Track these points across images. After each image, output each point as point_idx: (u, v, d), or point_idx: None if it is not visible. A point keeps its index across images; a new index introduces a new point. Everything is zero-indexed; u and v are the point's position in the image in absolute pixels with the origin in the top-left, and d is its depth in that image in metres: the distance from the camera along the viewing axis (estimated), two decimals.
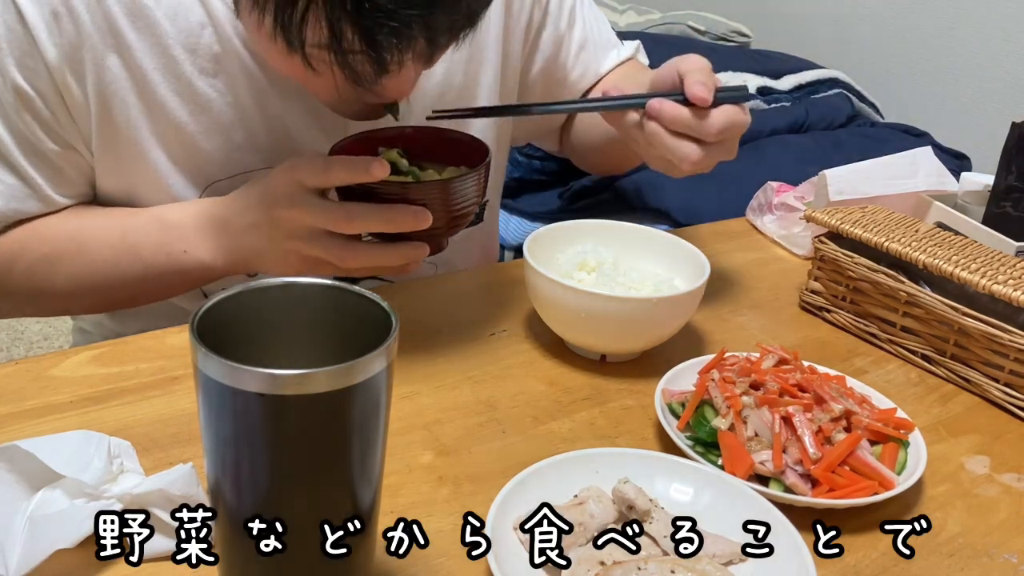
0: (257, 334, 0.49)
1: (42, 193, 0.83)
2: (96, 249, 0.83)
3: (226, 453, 0.46)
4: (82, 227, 0.84)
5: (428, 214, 0.72)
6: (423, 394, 0.77)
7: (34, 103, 0.79)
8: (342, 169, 0.73)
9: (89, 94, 0.79)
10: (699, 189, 1.38)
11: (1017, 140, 0.97)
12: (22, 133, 0.80)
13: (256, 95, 0.83)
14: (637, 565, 0.55)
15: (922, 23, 1.91)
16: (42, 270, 0.84)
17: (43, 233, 0.84)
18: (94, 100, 0.79)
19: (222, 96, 0.82)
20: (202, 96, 0.82)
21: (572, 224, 0.90)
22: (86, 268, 0.83)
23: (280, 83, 0.83)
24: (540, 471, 0.63)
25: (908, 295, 0.86)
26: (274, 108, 0.84)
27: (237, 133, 0.84)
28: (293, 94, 0.84)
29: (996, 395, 0.81)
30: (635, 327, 0.79)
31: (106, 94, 0.79)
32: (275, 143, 0.85)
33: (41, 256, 0.83)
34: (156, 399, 0.73)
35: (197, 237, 0.81)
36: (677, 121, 0.79)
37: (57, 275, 0.84)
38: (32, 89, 0.78)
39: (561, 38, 1.03)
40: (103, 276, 0.84)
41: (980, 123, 1.81)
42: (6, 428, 0.68)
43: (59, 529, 0.55)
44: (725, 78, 1.62)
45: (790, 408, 0.68)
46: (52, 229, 0.84)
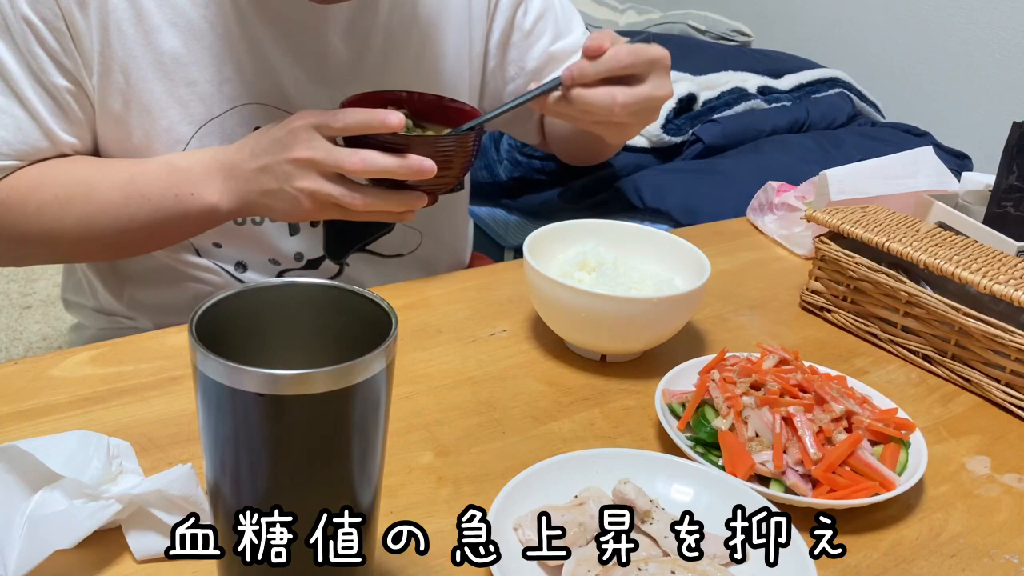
0: (257, 334, 0.49)
1: (47, 128, 0.85)
2: (105, 192, 0.85)
3: (225, 453, 0.46)
4: (92, 172, 0.87)
5: (433, 164, 0.81)
6: (423, 394, 0.77)
7: (41, 34, 0.81)
8: (361, 118, 0.79)
9: (92, 24, 0.82)
10: (699, 189, 1.38)
11: (1018, 140, 0.97)
12: (31, 66, 0.82)
13: (243, 25, 0.87)
14: (637, 565, 0.55)
15: (922, 23, 1.91)
16: (52, 212, 0.85)
17: (54, 175, 0.86)
18: (96, 29, 0.82)
19: (212, 27, 0.86)
20: (195, 25, 0.85)
21: (572, 224, 0.90)
22: (95, 210, 0.85)
23: (263, 14, 0.88)
24: (540, 471, 0.62)
25: (909, 295, 0.86)
26: (258, 39, 0.88)
27: (226, 65, 0.88)
28: (275, 23, 0.89)
29: (997, 395, 0.81)
30: (635, 327, 0.79)
31: (107, 24, 0.82)
32: (259, 76, 0.89)
33: (51, 197, 0.85)
34: (155, 399, 0.73)
35: (205, 179, 0.84)
36: (586, 73, 0.82)
37: (67, 217, 0.85)
38: (39, 19, 0.80)
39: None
40: (112, 219, 0.86)
41: (981, 123, 1.81)
42: (5, 428, 0.68)
43: (58, 529, 0.55)
44: (725, 77, 1.62)
45: (791, 408, 0.68)
46: (63, 172, 0.86)
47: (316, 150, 0.80)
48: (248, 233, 0.94)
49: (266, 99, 0.91)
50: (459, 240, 1.14)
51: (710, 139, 1.49)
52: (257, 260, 0.97)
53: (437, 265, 1.07)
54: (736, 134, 1.51)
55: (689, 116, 1.51)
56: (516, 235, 1.59)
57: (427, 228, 1.05)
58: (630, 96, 0.82)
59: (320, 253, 0.99)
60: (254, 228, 0.94)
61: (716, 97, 1.55)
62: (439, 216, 1.05)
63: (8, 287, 2.54)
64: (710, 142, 1.49)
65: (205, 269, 0.96)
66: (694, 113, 1.52)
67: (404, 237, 1.04)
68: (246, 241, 0.95)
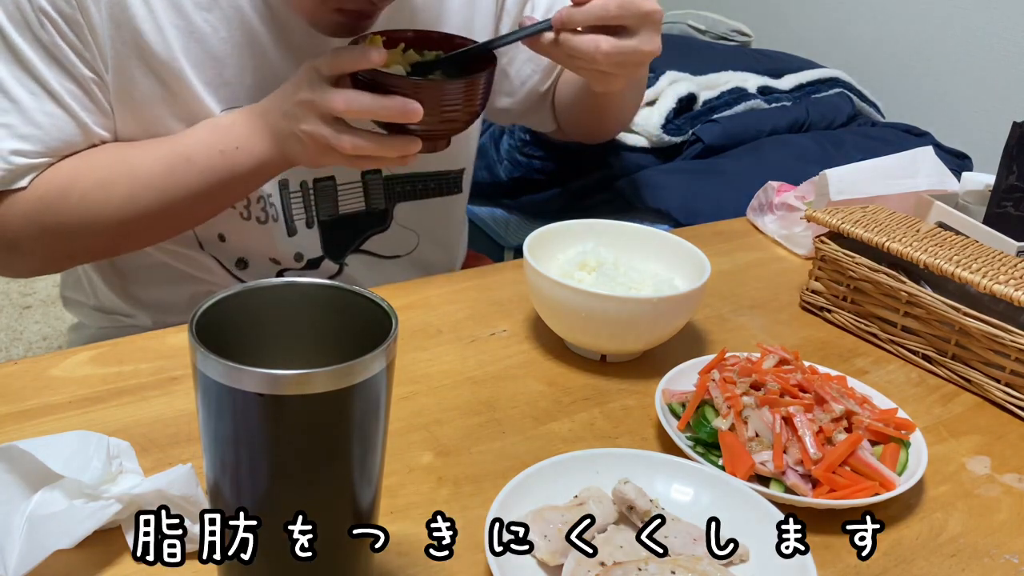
0: (257, 334, 0.49)
1: (82, 122, 0.85)
2: (148, 165, 0.85)
3: (225, 453, 0.46)
4: (129, 151, 0.87)
5: (418, 107, 0.77)
6: (423, 394, 0.77)
7: (60, 26, 0.81)
8: (346, 55, 0.78)
9: (104, 17, 0.82)
10: (699, 189, 1.38)
11: (1018, 139, 0.97)
12: (56, 58, 0.82)
13: (246, 34, 0.87)
14: (637, 565, 0.55)
15: (922, 23, 1.91)
16: (96, 196, 0.85)
17: (91, 163, 0.86)
18: (108, 22, 0.82)
19: (215, 31, 0.86)
20: (197, 28, 0.85)
21: (572, 224, 0.90)
22: (141, 186, 0.85)
23: (270, 26, 0.88)
24: (540, 471, 0.62)
25: (909, 295, 0.86)
26: (262, 48, 0.88)
27: (227, 69, 0.88)
28: (280, 34, 0.88)
29: (997, 395, 0.81)
30: (635, 327, 0.79)
31: (120, 19, 0.82)
32: (261, 82, 0.89)
33: (93, 183, 0.85)
34: (155, 399, 0.73)
35: (247, 131, 0.85)
36: (574, 18, 0.82)
37: (112, 199, 0.85)
38: (55, 10, 0.80)
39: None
40: (159, 191, 0.85)
41: (981, 123, 1.81)
42: (5, 428, 0.68)
43: (58, 529, 0.55)
44: (725, 77, 1.62)
45: (791, 408, 0.68)
46: (100, 157, 0.86)
47: (313, 91, 0.79)
48: (252, 229, 0.94)
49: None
50: (454, 242, 1.14)
51: (710, 139, 1.49)
52: (258, 258, 0.97)
53: (434, 267, 1.07)
54: (736, 134, 1.51)
55: (689, 116, 1.51)
56: (516, 235, 1.58)
57: (424, 229, 1.05)
58: (614, 47, 0.82)
59: (319, 253, 0.99)
60: (258, 225, 0.94)
61: (716, 97, 1.55)
62: (436, 218, 1.05)
63: (8, 287, 2.54)
64: (710, 142, 1.49)
65: (205, 268, 0.96)
66: (694, 113, 1.52)
67: (401, 238, 1.04)
68: (250, 236, 0.95)
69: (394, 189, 1.01)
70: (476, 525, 0.57)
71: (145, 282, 0.99)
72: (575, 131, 1.21)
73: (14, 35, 0.80)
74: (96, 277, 1.03)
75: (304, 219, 0.96)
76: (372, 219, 1.01)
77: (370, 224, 1.01)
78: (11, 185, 0.83)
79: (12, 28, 0.80)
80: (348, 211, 0.99)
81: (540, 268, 0.79)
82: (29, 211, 0.84)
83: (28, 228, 0.85)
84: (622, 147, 1.48)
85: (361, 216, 1.00)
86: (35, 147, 0.83)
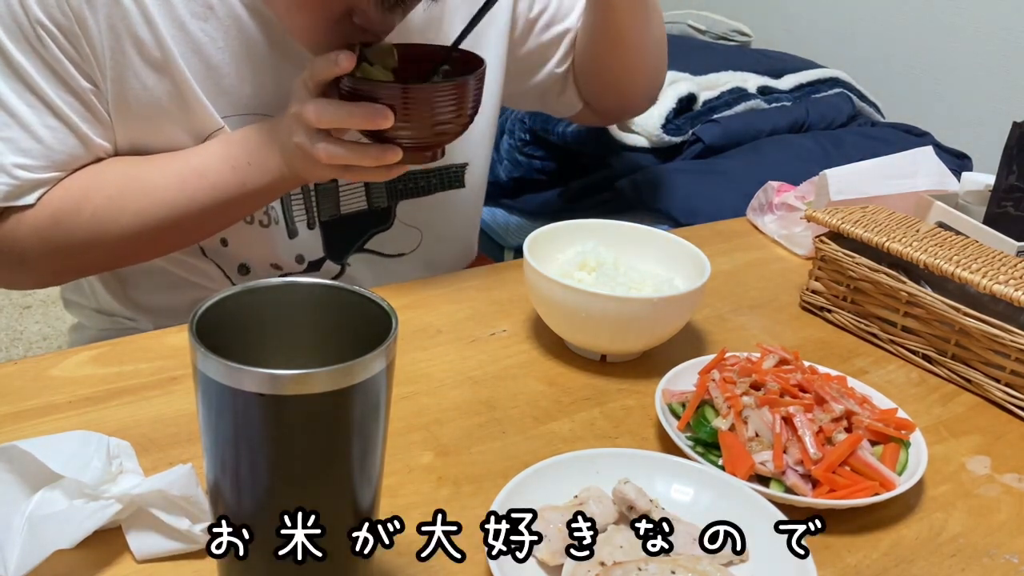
0: (257, 334, 0.49)
1: (83, 134, 0.84)
2: (160, 181, 0.85)
3: (225, 453, 0.46)
4: (140, 166, 0.86)
5: (387, 113, 0.75)
6: (423, 394, 0.77)
7: (58, 38, 0.80)
8: (319, 64, 0.77)
9: (102, 28, 0.81)
10: (699, 189, 1.38)
11: (1018, 140, 0.97)
12: (54, 71, 0.81)
13: (244, 43, 0.87)
14: (637, 565, 0.55)
15: (922, 23, 1.91)
16: (108, 213, 0.85)
17: (103, 178, 0.85)
18: (106, 33, 0.81)
19: (212, 40, 0.85)
20: (194, 39, 0.85)
21: (572, 224, 0.90)
22: (153, 202, 0.85)
23: (268, 35, 0.87)
24: (540, 471, 0.62)
25: (909, 295, 0.86)
26: (260, 57, 0.88)
27: (225, 78, 0.87)
28: (278, 43, 0.88)
29: (997, 395, 0.81)
30: (635, 327, 0.79)
31: (118, 29, 0.82)
32: (260, 91, 0.89)
33: (104, 199, 0.85)
34: (155, 399, 0.73)
35: (257, 146, 0.84)
36: None
37: (124, 214, 0.85)
38: (52, 23, 0.80)
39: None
40: (170, 207, 0.85)
41: (981, 123, 1.81)
42: (5, 428, 0.68)
43: (58, 529, 0.55)
44: (725, 77, 1.62)
45: (791, 408, 0.68)
46: (111, 173, 0.86)
47: (298, 103, 0.79)
48: (255, 233, 0.94)
49: (265, 110, 0.89)
50: (463, 237, 1.12)
51: (710, 139, 1.49)
52: (260, 263, 0.96)
53: (440, 264, 1.07)
54: (736, 134, 1.51)
55: (689, 116, 1.51)
56: (516, 235, 1.59)
57: (426, 226, 1.04)
58: None
59: (320, 255, 0.99)
60: (261, 229, 0.94)
61: (716, 97, 1.55)
62: (439, 214, 1.05)
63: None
64: (710, 142, 1.49)
65: (206, 274, 0.96)
66: (694, 113, 1.52)
67: (404, 236, 1.03)
68: (252, 241, 0.94)
69: (396, 186, 1.01)
70: (476, 525, 0.57)
71: (145, 288, 0.99)
72: (603, 95, 1.13)
73: (12, 49, 0.80)
74: (96, 282, 1.02)
75: (305, 220, 0.96)
76: (374, 218, 1.01)
77: (373, 223, 1.01)
78: (17, 200, 0.82)
79: (10, 42, 0.80)
80: (350, 210, 0.99)
81: (540, 268, 0.79)
82: (40, 228, 0.84)
83: (38, 245, 0.85)
84: (622, 147, 1.48)
85: (363, 215, 1.00)
86: (39, 161, 0.82)
